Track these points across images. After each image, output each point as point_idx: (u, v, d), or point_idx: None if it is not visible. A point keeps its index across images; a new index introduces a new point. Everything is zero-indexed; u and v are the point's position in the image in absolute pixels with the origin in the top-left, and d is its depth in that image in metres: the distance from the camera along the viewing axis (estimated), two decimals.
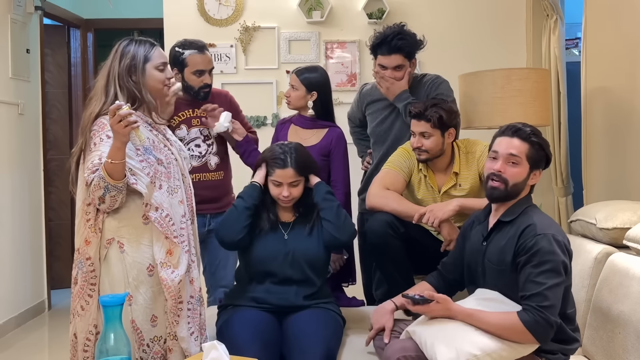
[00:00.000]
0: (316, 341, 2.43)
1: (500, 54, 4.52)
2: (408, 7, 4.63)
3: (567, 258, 2.13)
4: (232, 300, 2.71)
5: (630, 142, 3.30)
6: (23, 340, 4.38)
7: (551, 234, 2.11)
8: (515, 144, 2.23)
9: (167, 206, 2.30)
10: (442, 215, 2.72)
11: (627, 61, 3.30)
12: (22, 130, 4.76)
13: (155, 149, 2.34)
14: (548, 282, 2.06)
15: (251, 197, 2.69)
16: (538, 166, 2.26)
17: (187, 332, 2.35)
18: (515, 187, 2.23)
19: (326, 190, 2.73)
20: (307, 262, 2.64)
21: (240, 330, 2.48)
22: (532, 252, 2.09)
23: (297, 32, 4.66)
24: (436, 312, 2.18)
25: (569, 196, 4.23)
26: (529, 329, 2.05)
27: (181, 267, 2.32)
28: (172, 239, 2.30)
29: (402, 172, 2.92)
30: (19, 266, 4.68)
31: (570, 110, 4.20)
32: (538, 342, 2.08)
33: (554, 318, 2.06)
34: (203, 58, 3.09)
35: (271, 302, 2.61)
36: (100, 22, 6.09)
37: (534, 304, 2.05)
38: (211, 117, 3.08)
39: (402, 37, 3.05)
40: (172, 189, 2.35)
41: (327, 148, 3.11)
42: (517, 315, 2.07)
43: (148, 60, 2.35)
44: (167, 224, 2.30)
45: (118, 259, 2.28)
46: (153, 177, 2.29)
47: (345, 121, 3.59)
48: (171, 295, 2.29)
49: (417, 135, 2.84)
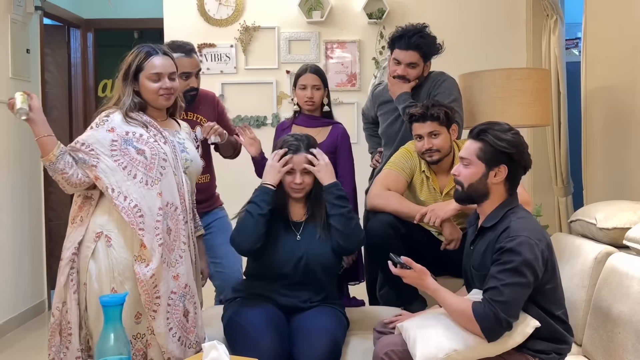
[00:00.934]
0: (320, 332, 2.44)
1: (500, 54, 4.52)
2: (408, 7, 4.63)
3: (536, 261, 2.08)
4: (241, 294, 2.70)
5: (630, 142, 3.30)
6: (23, 340, 4.38)
7: (524, 235, 2.10)
8: (466, 145, 2.27)
9: (136, 196, 2.32)
10: (444, 215, 2.73)
11: (627, 61, 3.30)
12: (22, 130, 4.76)
13: (139, 141, 2.39)
14: (506, 279, 2.06)
15: (265, 203, 2.60)
16: (497, 162, 2.20)
17: (165, 327, 2.33)
18: (472, 188, 2.24)
19: (337, 195, 2.62)
20: (319, 267, 2.63)
21: (256, 320, 2.47)
22: (500, 252, 2.11)
23: (297, 32, 4.66)
24: (410, 280, 2.26)
25: (569, 196, 4.23)
26: (476, 318, 2.07)
27: (154, 261, 2.31)
28: (138, 230, 2.30)
29: (404, 172, 2.92)
30: (19, 266, 4.67)
31: (570, 110, 4.20)
32: (484, 335, 2.08)
33: (504, 315, 2.05)
34: (188, 61, 3.05)
35: (281, 302, 2.62)
36: (100, 22, 6.10)
37: (488, 296, 2.08)
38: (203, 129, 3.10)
39: (422, 35, 3.07)
40: (150, 180, 2.36)
41: (334, 144, 3.14)
42: (472, 303, 2.11)
43: (141, 69, 2.44)
44: (134, 214, 2.31)
45: (105, 253, 2.33)
46: (127, 165, 2.34)
47: (344, 120, 3.59)
48: (144, 290, 2.29)
49: (426, 137, 2.83)
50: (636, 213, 2.58)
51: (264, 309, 2.55)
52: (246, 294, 2.67)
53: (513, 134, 2.22)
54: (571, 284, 2.54)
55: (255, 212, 2.58)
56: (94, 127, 2.41)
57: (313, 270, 2.61)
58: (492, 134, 2.21)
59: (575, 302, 2.53)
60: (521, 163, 2.23)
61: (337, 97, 4.63)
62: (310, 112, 3.19)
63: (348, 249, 2.66)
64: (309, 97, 3.14)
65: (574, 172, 4.20)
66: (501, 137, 2.20)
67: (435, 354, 2.08)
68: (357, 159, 3.80)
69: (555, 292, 2.21)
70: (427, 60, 3.13)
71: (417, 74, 3.12)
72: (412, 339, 2.15)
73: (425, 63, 3.13)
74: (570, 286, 2.52)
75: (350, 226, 2.61)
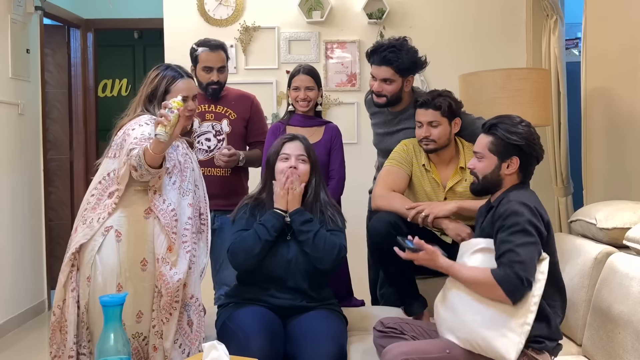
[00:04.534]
0: (327, 339, 2.44)
1: (500, 54, 4.52)
2: (408, 7, 4.63)
3: (537, 220, 2.18)
4: (234, 299, 2.70)
5: (630, 142, 3.30)
6: (23, 340, 4.38)
7: (521, 200, 2.20)
8: (479, 140, 2.37)
9: (174, 201, 2.36)
10: (438, 212, 2.72)
11: (627, 61, 3.29)
12: (22, 130, 4.76)
13: (176, 150, 2.46)
14: (517, 240, 2.14)
15: (274, 229, 2.59)
16: (509, 155, 2.30)
17: (173, 333, 2.35)
18: (486, 180, 2.35)
19: (302, 221, 2.61)
20: (310, 267, 2.62)
21: (246, 323, 2.47)
22: (502, 217, 2.20)
23: (297, 32, 4.66)
24: (422, 261, 2.31)
25: (569, 196, 4.23)
26: (498, 282, 2.12)
27: (181, 267, 2.32)
28: (172, 234, 2.32)
29: (403, 166, 2.91)
30: (19, 266, 4.67)
31: (570, 110, 4.19)
32: (509, 298, 2.12)
33: (524, 273, 2.11)
34: (212, 56, 3.21)
35: (275, 304, 2.61)
36: (100, 22, 6.09)
37: (505, 259, 2.13)
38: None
39: (395, 50, 2.96)
40: (183, 190, 2.42)
41: (330, 143, 3.18)
42: (490, 270, 2.15)
43: (168, 92, 2.48)
44: (171, 218, 2.33)
45: (113, 248, 2.31)
46: (171, 171, 2.39)
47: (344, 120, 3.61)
48: (168, 292, 2.30)
49: (425, 125, 2.82)
50: (636, 213, 2.58)
51: (255, 312, 2.55)
52: (239, 299, 2.67)
53: (524, 126, 2.32)
54: (571, 284, 2.54)
55: (263, 237, 2.58)
56: (143, 124, 2.39)
57: (304, 270, 2.61)
58: (503, 128, 2.31)
59: (575, 302, 2.53)
60: (533, 154, 2.33)
61: (337, 97, 4.63)
62: (305, 112, 3.20)
63: (324, 268, 2.61)
64: (301, 98, 3.17)
65: (574, 172, 4.20)
66: (511, 130, 2.30)
67: (519, 340, 2.11)
68: (359, 159, 3.82)
69: (556, 268, 2.26)
70: (405, 75, 3.00)
71: (394, 89, 3.00)
72: (480, 341, 2.15)
73: (404, 78, 3.00)
74: (570, 286, 2.51)
75: (320, 248, 2.58)
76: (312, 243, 2.58)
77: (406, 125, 3.05)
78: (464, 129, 2.90)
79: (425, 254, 2.29)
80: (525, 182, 2.36)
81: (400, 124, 3.10)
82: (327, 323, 2.54)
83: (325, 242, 2.59)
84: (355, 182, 3.44)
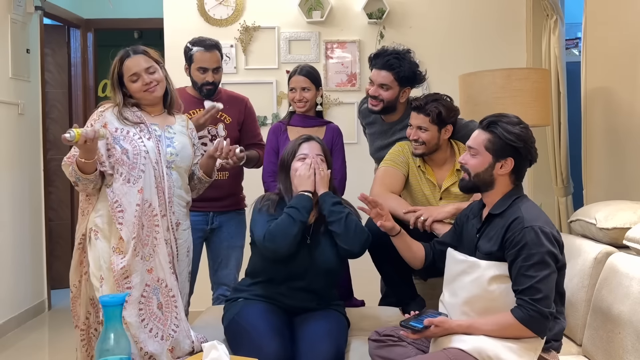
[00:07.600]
0: (325, 339, 2.44)
1: (500, 54, 4.52)
2: (408, 7, 4.63)
3: (555, 248, 2.14)
4: (243, 294, 2.68)
5: (630, 142, 3.30)
6: (23, 340, 4.38)
7: (538, 226, 2.14)
8: (475, 136, 2.31)
9: (117, 192, 2.52)
10: (437, 215, 2.72)
11: (627, 61, 3.29)
12: (22, 130, 4.76)
13: (125, 139, 2.56)
14: (538, 274, 2.09)
15: (306, 210, 2.57)
16: (504, 155, 2.24)
17: (137, 318, 2.47)
18: (478, 177, 2.28)
19: (333, 202, 2.62)
20: (325, 271, 2.62)
21: (258, 324, 2.47)
22: (520, 246, 2.13)
23: (297, 32, 4.66)
24: (437, 335, 2.22)
25: (569, 196, 4.23)
26: (525, 324, 2.09)
27: (128, 253, 2.48)
28: (117, 224, 2.50)
29: (399, 166, 2.93)
30: (19, 266, 4.67)
31: (570, 110, 4.20)
32: (539, 335, 2.12)
33: (547, 310, 2.09)
34: (207, 56, 3.15)
35: (284, 302, 2.62)
36: (100, 22, 6.09)
37: (527, 297, 2.09)
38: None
39: (398, 57, 3.00)
40: (132, 178, 2.53)
41: (331, 143, 3.17)
42: (512, 314, 2.11)
43: (121, 75, 2.64)
44: (115, 209, 2.52)
45: (94, 245, 2.55)
46: (113, 165, 2.54)
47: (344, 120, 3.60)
48: (115, 280, 2.48)
49: (415, 128, 2.85)
50: (636, 213, 2.58)
51: (268, 313, 2.54)
52: (249, 295, 2.65)
53: (522, 128, 2.27)
54: (571, 284, 2.53)
55: (297, 218, 2.54)
56: (92, 124, 2.57)
57: (319, 274, 2.61)
58: (502, 127, 2.25)
59: (575, 302, 2.53)
60: (528, 157, 2.28)
61: (337, 97, 4.64)
62: (304, 112, 3.21)
63: (352, 251, 2.62)
64: (298, 99, 3.17)
65: (574, 172, 4.20)
66: (510, 131, 2.24)
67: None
68: (359, 159, 3.81)
69: (562, 277, 2.24)
70: (403, 85, 3.02)
71: (390, 96, 3.02)
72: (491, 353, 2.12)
73: (401, 87, 3.02)
74: (570, 286, 2.51)
75: (351, 228, 2.59)
76: (345, 224, 2.58)
77: (401, 135, 3.05)
78: (456, 132, 2.92)
79: (436, 328, 2.20)
80: (519, 186, 2.31)
81: (396, 135, 3.11)
82: (327, 323, 2.54)
83: (356, 225, 2.61)
84: (355, 182, 3.44)
